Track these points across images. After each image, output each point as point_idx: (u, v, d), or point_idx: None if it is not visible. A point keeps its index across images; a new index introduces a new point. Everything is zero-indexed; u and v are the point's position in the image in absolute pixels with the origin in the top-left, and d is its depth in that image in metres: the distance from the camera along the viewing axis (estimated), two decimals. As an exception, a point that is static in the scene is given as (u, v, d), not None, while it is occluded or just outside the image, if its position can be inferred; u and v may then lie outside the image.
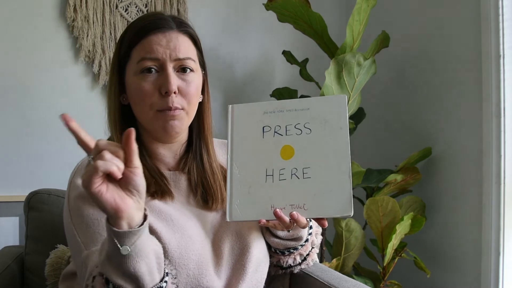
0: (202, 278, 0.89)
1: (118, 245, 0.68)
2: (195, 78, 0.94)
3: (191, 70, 0.93)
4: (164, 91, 0.89)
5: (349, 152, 0.81)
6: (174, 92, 0.89)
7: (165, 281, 0.78)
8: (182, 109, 0.91)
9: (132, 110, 0.95)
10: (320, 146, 0.82)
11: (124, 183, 0.67)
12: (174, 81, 0.89)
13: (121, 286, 0.72)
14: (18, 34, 1.84)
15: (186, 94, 0.91)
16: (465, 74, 1.71)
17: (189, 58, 0.92)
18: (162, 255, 0.78)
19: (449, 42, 1.78)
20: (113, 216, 0.67)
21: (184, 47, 0.92)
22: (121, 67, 0.95)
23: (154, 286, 0.75)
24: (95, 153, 0.65)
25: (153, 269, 0.74)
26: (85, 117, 1.88)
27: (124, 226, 0.68)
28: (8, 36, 1.82)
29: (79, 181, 0.89)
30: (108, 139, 0.97)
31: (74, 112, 1.88)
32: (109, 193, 0.66)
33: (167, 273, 0.79)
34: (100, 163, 0.63)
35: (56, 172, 1.83)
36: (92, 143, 0.66)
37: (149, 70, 0.90)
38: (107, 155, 0.65)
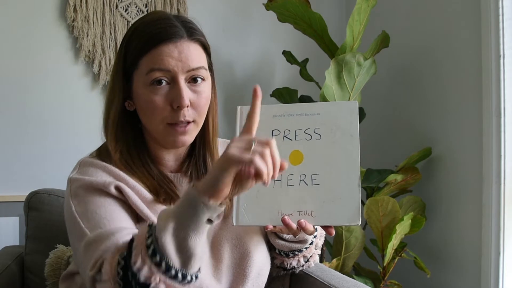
0: (201, 284, 0.88)
1: (199, 217, 0.69)
2: (206, 88, 0.91)
3: (202, 79, 0.91)
4: (176, 106, 0.87)
5: (359, 160, 0.79)
6: (187, 106, 0.87)
7: (199, 272, 0.76)
8: (193, 121, 0.90)
9: (139, 117, 0.93)
10: (329, 152, 0.80)
11: None
12: (187, 95, 0.87)
13: (169, 260, 0.70)
14: (18, 34, 1.84)
15: (197, 106, 0.89)
16: (465, 74, 1.71)
17: (202, 67, 0.90)
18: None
19: (449, 42, 1.78)
20: (218, 191, 0.69)
21: (196, 56, 0.89)
22: (127, 74, 0.92)
23: (193, 273, 0.73)
24: (259, 141, 0.69)
25: (200, 257, 0.74)
26: (85, 117, 1.90)
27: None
28: (8, 36, 1.82)
29: (80, 176, 0.88)
30: (104, 145, 0.96)
31: (74, 112, 1.90)
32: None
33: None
34: (260, 164, 0.67)
35: (56, 172, 1.83)
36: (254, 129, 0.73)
37: (159, 82, 0.87)
38: (268, 157, 0.68)
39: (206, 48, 0.94)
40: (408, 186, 1.82)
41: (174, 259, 0.70)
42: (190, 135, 0.91)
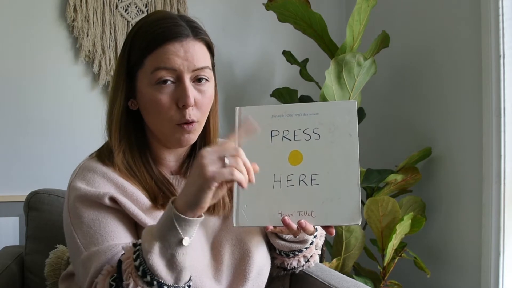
0: (202, 287, 0.88)
1: (181, 235, 0.72)
2: (210, 88, 0.92)
3: (207, 80, 0.91)
4: (181, 105, 0.87)
5: (358, 159, 0.79)
6: (192, 105, 0.88)
7: (191, 280, 0.79)
8: (197, 121, 0.90)
9: (143, 117, 0.93)
10: (328, 152, 0.80)
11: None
12: (192, 94, 0.87)
13: (160, 279, 0.73)
14: (18, 34, 1.84)
15: (201, 106, 0.90)
16: (465, 74, 1.71)
17: (207, 67, 0.90)
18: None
19: (449, 42, 1.78)
20: (200, 208, 0.72)
21: (201, 56, 0.89)
22: (131, 73, 0.91)
23: (185, 284, 0.77)
24: (231, 154, 0.72)
25: (189, 267, 0.77)
26: (85, 117, 1.90)
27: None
28: (8, 36, 1.82)
29: (78, 184, 0.89)
30: (105, 145, 0.96)
31: (74, 112, 1.90)
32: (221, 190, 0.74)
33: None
34: (239, 175, 0.71)
35: (56, 172, 1.83)
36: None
37: (164, 81, 0.87)
38: (242, 167, 0.72)
39: (210, 48, 0.94)
40: (408, 186, 1.82)
41: (166, 277, 0.73)
42: (194, 134, 0.92)
